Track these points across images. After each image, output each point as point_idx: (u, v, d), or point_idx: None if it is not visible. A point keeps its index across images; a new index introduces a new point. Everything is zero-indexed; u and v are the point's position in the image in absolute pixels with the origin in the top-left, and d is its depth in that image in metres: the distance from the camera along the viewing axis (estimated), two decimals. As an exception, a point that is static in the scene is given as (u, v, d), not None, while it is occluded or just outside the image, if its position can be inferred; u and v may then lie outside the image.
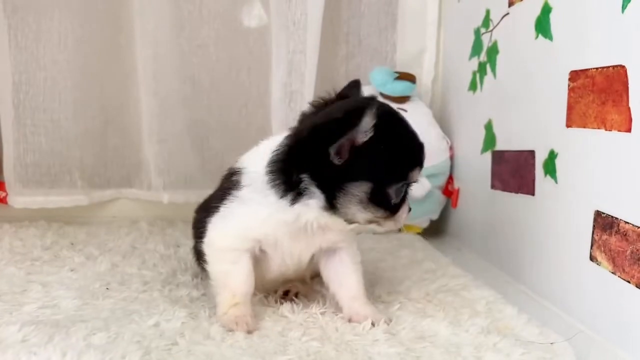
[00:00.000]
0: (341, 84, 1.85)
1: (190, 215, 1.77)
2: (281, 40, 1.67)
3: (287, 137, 0.95)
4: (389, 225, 0.95)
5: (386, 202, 0.91)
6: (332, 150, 0.87)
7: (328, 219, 0.92)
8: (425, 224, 1.72)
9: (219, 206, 0.96)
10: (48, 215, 1.69)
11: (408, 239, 1.62)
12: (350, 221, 0.93)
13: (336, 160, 0.87)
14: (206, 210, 1.02)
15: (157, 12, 1.66)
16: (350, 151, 0.87)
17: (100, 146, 1.74)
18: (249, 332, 0.90)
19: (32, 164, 1.67)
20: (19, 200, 1.66)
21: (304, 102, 1.68)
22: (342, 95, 1.00)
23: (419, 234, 1.70)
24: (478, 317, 1.00)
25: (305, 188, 0.89)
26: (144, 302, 1.04)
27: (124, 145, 1.77)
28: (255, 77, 1.80)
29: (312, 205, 0.90)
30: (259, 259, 0.98)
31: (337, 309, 1.01)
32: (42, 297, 1.04)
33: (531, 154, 1.22)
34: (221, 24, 1.77)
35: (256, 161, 0.96)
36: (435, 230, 1.74)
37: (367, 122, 0.85)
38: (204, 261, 1.00)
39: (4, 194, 1.70)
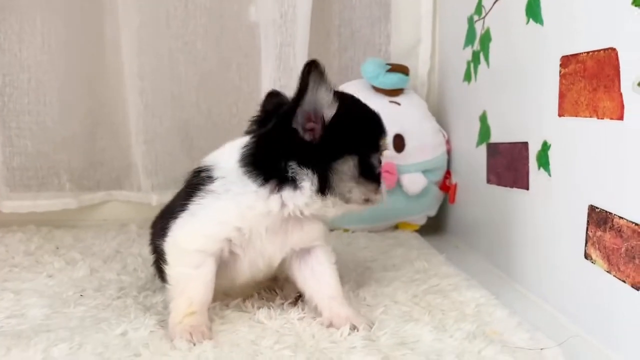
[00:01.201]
0: (334, 78, 1.78)
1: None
2: (269, 34, 1.62)
3: (253, 135, 0.91)
4: (378, 199, 0.94)
5: (373, 173, 0.92)
6: (296, 126, 0.86)
7: (320, 203, 0.89)
8: (422, 221, 1.66)
9: (187, 204, 0.91)
10: (37, 220, 1.67)
11: (404, 236, 1.57)
12: (347, 200, 0.91)
13: (307, 136, 0.87)
14: (168, 214, 0.97)
15: (141, 9, 1.62)
16: (324, 128, 0.87)
17: (89, 148, 1.71)
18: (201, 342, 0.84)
19: (19, 168, 1.64)
20: (6, 204, 1.63)
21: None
22: (264, 108, 1.00)
23: (416, 231, 1.64)
24: (465, 321, 0.94)
25: (294, 174, 0.87)
26: (115, 310, 1.00)
27: (113, 147, 1.74)
28: (245, 73, 1.76)
29: (305, 189, 0.87)
30: (226, 262, 0.93)
31: (317, 313, 0.96)
32: (12, 306, 1.00)
33: (525, 145, 1.16)
34: (208, 20, 1.72)
35: (225, 157, 0.92)
36: (432, 227, 1.68)
37: (315, 85, 0.85)
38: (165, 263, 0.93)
39: (-7, 198, 1.67)
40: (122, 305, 1.02)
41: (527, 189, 1.15)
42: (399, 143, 1.56)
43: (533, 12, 1.11)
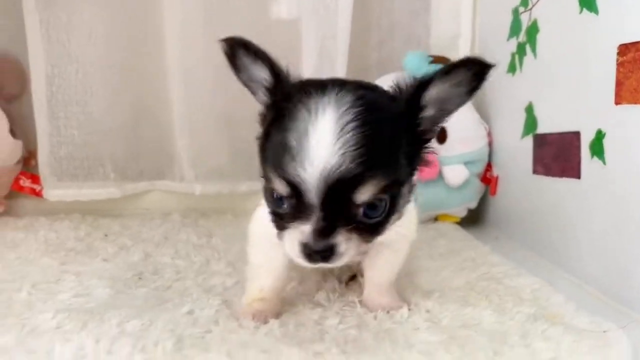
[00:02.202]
0: (373, 70, 1.83)
1: (223, 206, 1.77)
2: (311, 26, 1.64)
3: None
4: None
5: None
6: None
7: None
8: (463, 213, 1.66)
9: None
10: (82, 208, 1.70)
11: (445, 228, 1.57)
12: None
13: None
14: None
15: (186, 2, 1.64)
16: None
17: (133, 138, 1.74)
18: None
19: (65, 157, 1.67)
20: (53, 193, 1.66)
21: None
22: None
23: (456, 223, 1.65)
24: (523, 305, 0.95)
25: None
26: (176, 291, 1.02)
27: (157, 137, 1.76)
28: (285, 66, 1.77)
29: None
30: None
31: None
32: (76, 287, 1.03)
33: (576, 135, 1.16)
34: (249, 13, 1.74)
35: None
36: (473, 219, 1.69)
37: None
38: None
39: (39, 187, 1.71)
40: (182, 287, 1.04)
41: (579, 178, 1.15)
42: (442, 134, 1.57)
43: (587, 1, 1.11)
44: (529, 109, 1.39)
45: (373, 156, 0.64)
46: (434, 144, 1.54)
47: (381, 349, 0.77)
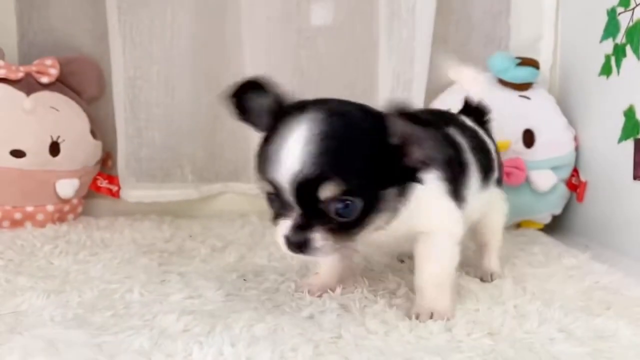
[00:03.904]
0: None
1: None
2: (393, 29, 1.62)
3: None
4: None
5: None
6: None
7: None
8: (547, 219, 1.62)
9: None
10: (157, 209, 1.70)
11: (532, 234, 1.53)
12: None
13: None
14: None
15: (267, 5, 1.64)
16: None
17: (209, 140, 1.74)
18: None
19: (145, 159, 1.68)
20: (133, 194, 1.67)
21: (418, 92, 1.63)
22: None
23: (540, 230, 1.60)
24: (656, 316, 0.90)
25: None
26: (287, 293, 1.01)
27: (231, 140, 1.76)
28: (362, 68, 1.75)
29: None
30: None
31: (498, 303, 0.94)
32: (184, 288, 1.02)
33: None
34: (327, 14, 1.73)
35: None
36: (557, 226, 1.64)
37: None
38: None
39: (115, 188, 1.73)
40: (289, 289, 1.03)
41: (696, 184, 1.10)
42: (529, 138, 1.53)
43: None
44: (629, 112, 1.34)
45: (333, 162, 0.76)
46: (521, 147, 1.49)
47: (525, 360, 0.74)
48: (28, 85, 1.58)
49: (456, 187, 0.92)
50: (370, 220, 0.81)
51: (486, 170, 1.06)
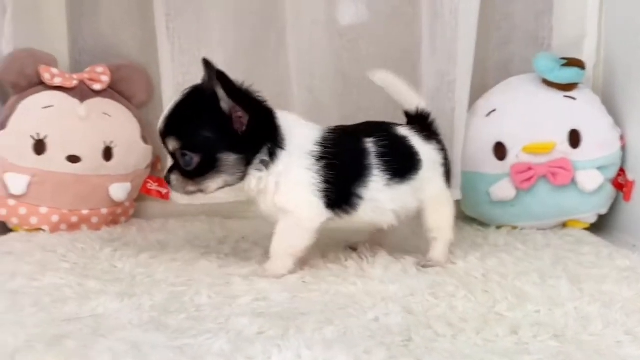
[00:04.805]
0: (493, 72, 1.80)
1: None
2: (437, 30, 1.63)
3: None
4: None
5: None
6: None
7: None
8: (592, 219, 1.62)
9: None
10: (207, 211, 1.74)
11: (579, 234, 1.53)
12: None
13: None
14: None
15: (312, 9, 1.67)
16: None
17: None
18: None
19: (195, 162, 1.72)
20: (182, 196, 1.71)
21: (462, 92, 1.64)
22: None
23: (586, 229, 1.61)
24: None
25: None
26: (347, 296, 1.04)
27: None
28: (404, 70, 1.77)
29: None
30: None
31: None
32: (250, 290, 1.06)
33: None
34: (369, 17, 1.76)
35: None
36: (602, 225, 1.63)
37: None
38: None
39: (165, 191, 1.77)
40: (349, 292, 1.05)
41: None
42: (575, 138, 1.54)
43: None
44: (679, 112, 1.34)
45: (174, 124, 1.10)
46: (567, 148, 1.49)
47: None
48: (81, 92, 1.64)
49: (337, 185, 1.12)
50: (212, 175, 1.10)
51: (398, 169, 1.19)
